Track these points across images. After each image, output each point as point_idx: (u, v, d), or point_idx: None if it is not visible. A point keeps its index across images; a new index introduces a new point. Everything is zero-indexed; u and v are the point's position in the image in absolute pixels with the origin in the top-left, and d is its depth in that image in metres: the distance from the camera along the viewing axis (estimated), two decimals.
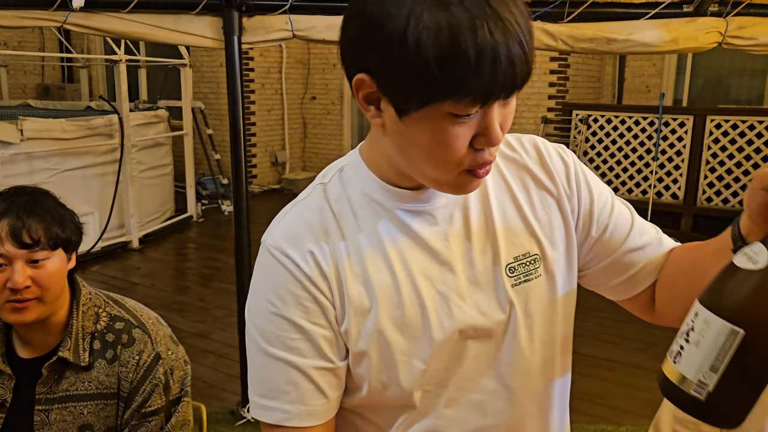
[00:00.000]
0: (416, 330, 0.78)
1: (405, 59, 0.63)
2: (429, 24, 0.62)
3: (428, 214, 0.80)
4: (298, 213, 0.81)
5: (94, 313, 1.29)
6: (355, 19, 0.68)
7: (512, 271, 0.81)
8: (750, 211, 0.67)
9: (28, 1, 2.45)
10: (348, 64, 0.71)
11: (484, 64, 0.61)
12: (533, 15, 2.35)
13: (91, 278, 5.01)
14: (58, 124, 5.17)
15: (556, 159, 0.86)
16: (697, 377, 0.58)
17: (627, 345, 3.69)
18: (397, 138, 0.72)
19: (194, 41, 2.52)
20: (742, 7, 2.23)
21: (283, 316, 0.77)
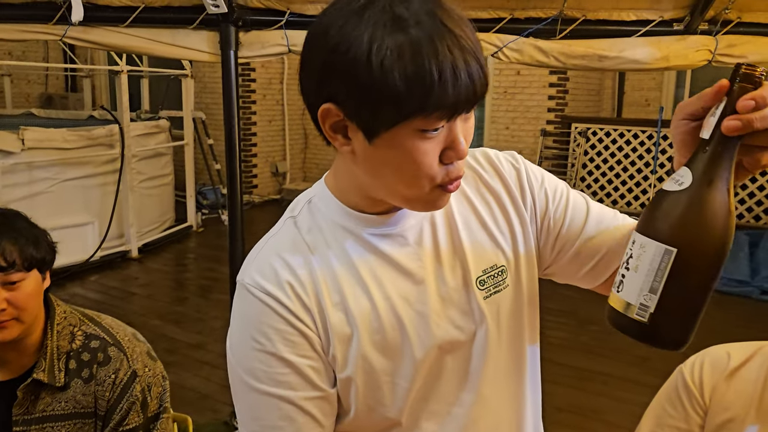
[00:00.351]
0: (398, 350, 0.80)
1: (372, 82, 0.65)
2: (391, 46, 0.65)
3: (399, 236, 0.81)
4: (272, 248, 0.81)
5: (69, 332, 1.27)
6: (316, 51, 0.70)
7: (482, 284, 0.83)
8: (676, 144, 0.68)
9: (28, 15, 2.49)
10: (311, 96, 0.73)
11: (446, 79, 0.65)
12: (526, 32, 2.38)
13: (90, 288, 5.04)
14: (58, 133, 5.21)
15: (507, 166, 0.89)
16: (639, 301, 0.61)
17: (621, 359, 3.69)
18: (367, 162, 0.74)
19: (191, 55, 2.55)
20: (732, 25, 2.26)
21: (270, 353, 0.77)
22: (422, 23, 0.65)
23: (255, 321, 0.78)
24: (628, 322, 0.62)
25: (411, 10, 0.66)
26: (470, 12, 2.39)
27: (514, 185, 0.88)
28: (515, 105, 7.10)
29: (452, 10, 0.69)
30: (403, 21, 0.65)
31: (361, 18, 0.66)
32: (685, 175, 0.60)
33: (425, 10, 0.67)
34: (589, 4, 2.32)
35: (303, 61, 0.73)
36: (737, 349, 1.19)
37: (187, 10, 2.44)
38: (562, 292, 4.71)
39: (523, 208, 0.87)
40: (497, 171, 0.88)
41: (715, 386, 1.16)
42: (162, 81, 7.80)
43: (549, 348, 3.78)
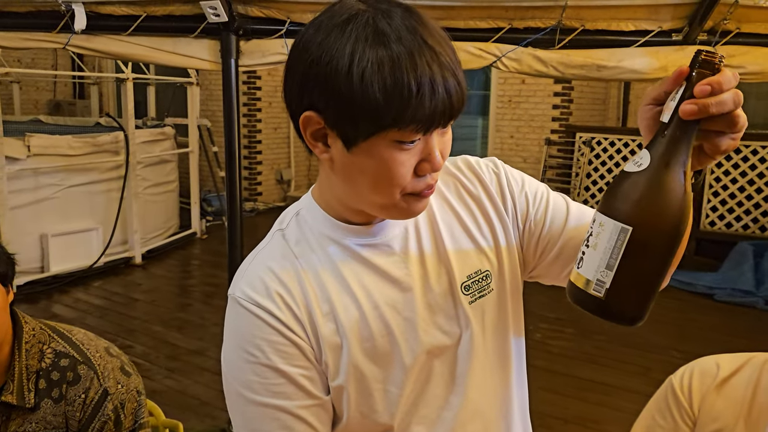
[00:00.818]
0: (387, 357, 0.82)
1: (352, 93, 0.68)
2: (371, 59, 0.67)
3: (384, 245, 0.83)
4: (261, 261, 0.83)
5: (38, 350, 1.22)
6: (299, 62, 0.72)
7: (467, 290, 0.85)
8: (641, 128, 0.70)
9: (32, 24, 2.51)
10: (293, 105, 0.75)
11: (424, 94, 0.67)
12: (525, 42, 2.39)
13: (94, 293, 5.06)
14: (64, 140, 5.25)
15: (487, 172, 0.91)
16: (596, 277, 0.63)
17: (623, 369, 3.67)
18: (344, 170, 0.76)
19: (193, 63, 2.57)
20: (731, 36, 2.25)
21: (264, 364, 0.78)
22: (403, 38, 0.68)
23: (247, 334, 0.79)
24: (585, 297, 0.64)
25: (393, 25, 0.68)
26: (469, 21, 2.40)
27: (495, 190, 0.89)
28: (520, 114, 7.11)
29: (433, 28, 0.71)
30: (384, 36, 0.67)
31: (344, 31, 0.69)
32: (644, 157, 0.62)
33: (407, 26, 0.69)
34: (587, 14, 2.32)
35: (287, 71, 0.75)
36: (727, 359, 1.19)
37: (188, 19, 2.47)
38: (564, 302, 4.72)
39: (505, 212, 0.89)
40: (478, 177, 0.90)
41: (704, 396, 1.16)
42: (168, 89, 7.85)
43: (551, 357, 3.80)
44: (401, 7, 0.71)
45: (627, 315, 0.64)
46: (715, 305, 4.78)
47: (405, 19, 0.69)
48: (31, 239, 5.10)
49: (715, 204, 5.85)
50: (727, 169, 5.78)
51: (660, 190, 0.61)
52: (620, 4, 2.29)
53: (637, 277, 0.63)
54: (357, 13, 0.70)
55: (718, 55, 0.61)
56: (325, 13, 0.73)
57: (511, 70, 2.39)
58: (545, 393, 3.39)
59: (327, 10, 0.73)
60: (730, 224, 5.81)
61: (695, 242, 5.96)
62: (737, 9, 2.19)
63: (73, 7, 2.41)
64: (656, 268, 0.63)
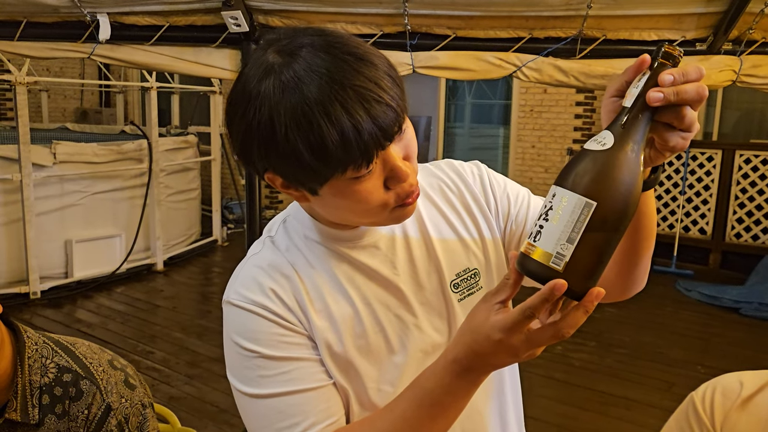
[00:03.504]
0: (381, 355, 0.83)
1: (284, 157, 0.69)
2: (289, 119, 0.67)
3: (372, 247, 0.85)
4: (253, 264, 0.84)
5: (41, 364, 1.19)
6: (234, 130, 0.74)
7: (456, 287, 0.87)
8: (604, 119, 0.72)
9: (58, 34, 2.56)
10: (248, 165, 0.76)
11: (348, 138, 0.67)
12: (545, 51, 2.37)
13: (116, 299, 5.12)
14: (89, 148, 5.34)
15: (470, 173, 0.93)
16: (556, 250, 0.64)
17: (646, 383, 3.60)
18: (322, 207, 0.78)
19: (214, 73, 2.59)
20: (757, 46, 2.21)
21: (268, 356, 0.79)
22: (312, 86, 0.67)
23: (247, 331, 0.80)
24: (541, 269, 0.65)
25: (298, 73, 0.67)
26: (489, 31, 2.39)
27: (478, 190, 0.92)
28: (542, 123, 7.06)
29: (348, 57, 0.68)
30: (293, 89, 0.67)
31: (260, 92, 0.69)
32: (607, 137, 0.65)
33: (315, 72, 0.67)
34: (609, 24, 2.30)
35: (228, 132, 0.76)
36: (750, 377, 1.15)
37: (209, 29, 2.49)
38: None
39: (489, 212, 0.91)
40: (462, 178, 0.93)
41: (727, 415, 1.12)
42: (192, 97, 7.95)
43: (572, 371, 3.75)
44: (311, 44, 0.69)
45: (578, 289, 0.65)
46: (741, 320, 4.68)
47: (313, 63, 0.68)
48: (55, 245, 5.19)
49: (741, 215, 5.75)
50: (754, 180, 5.67)
51: (623, 169, 0.64)
52: (643, 13, 2.26)
53: (596, 251, 0.65)
54: (268, 68, 0.69)
55: (678, 50, 0.65)
56: (246, 68, 0.73)
57: (531, 80, 2.37)
58: (566, 407, 3.35)
59: (247, 62, 0.73)
60: (756, 236, 5.70)
61: (721, 255, 5.85)
62: (763, 18, 2.15)
63: (97, 18, 2.45)
64: (613, 244, 0.66)
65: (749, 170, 5.70)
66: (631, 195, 0.64)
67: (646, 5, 2.22)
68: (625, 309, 4.80)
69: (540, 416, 3.21)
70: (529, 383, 3.52)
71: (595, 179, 0.64)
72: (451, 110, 8.37)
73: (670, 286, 5.39)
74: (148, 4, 2.44)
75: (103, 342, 4.09)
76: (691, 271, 5.65)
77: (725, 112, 6.56)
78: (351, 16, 2.43)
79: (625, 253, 0.80)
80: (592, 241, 0.64)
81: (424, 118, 8.26)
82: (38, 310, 4.76)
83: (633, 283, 0.86)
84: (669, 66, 0.64)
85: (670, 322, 4.62)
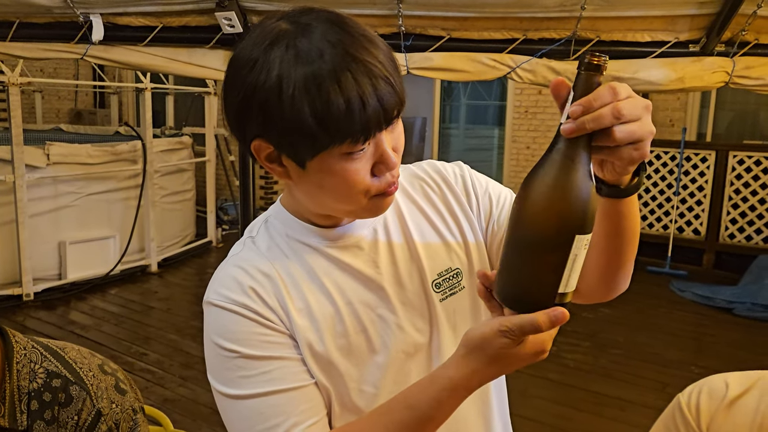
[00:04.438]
0: (363, 355, 0.83)
1: (286, 120, 0.69)
2: (298, 81, 0.68)
3: (354, 246, 0.85)
4: (233, 264, 0.83)
5: (29, 369, 1.17)
6: (233, 90, 0.73)
7: (438, 287, 0.87)
8: None
9: (51, 35, 2.56)
10: (238, 133, 0.76)
11: (354, 110, 0.68)
12: (539, 53, 2.37)
13: (110, 301, 5.10)
14: (83, 149, 5.32)
15: (452, 173, 0.93)
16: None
17: (641, 384, 3.61)
18: (304, 186, 0.78)
19: (208, 74, 2.59)
20: (749, 47, 2.22)
21: (249, 356, 0.78)
22: (326, 55, 0.68)
23: (227, 331, 0.79)
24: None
25: (313, 42, 0.69)
26: (483, 33, 2.39)
27: (461, 191, 0.92)
28: (536, 124, 7.08)
29: (359, 35, 0.71)
30: (307, 55, 0.68)
31: (268, 56, 0.69)
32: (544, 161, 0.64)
33: (329, 41, 0.69)
34: (603, 25, 2.31)
35: (224, 101, 0.76)
36: (736, 378, 1.15)
37: (203, 29, 2.49)
38: (580, 315, 4.65)
39: (471, 213, 0.91)
40: (444, 179, 0.93)
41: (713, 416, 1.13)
42: (187, 98, 7.93)
43: (566, 371, 3.75)
44: (324, 19, 0.71)
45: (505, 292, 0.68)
46: (735, 319, 4.70)
47: (327, 33, 0.69)
48: (49, 246, 5.16)
49: (735, 216, 5.77)
50: (747, 181, 5.69)
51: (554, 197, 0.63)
52: (636, 15, 2.27)
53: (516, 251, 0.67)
54: (279, 34, 0.70)
55: (601, 57, 0.61)
56: (251, 36, 0.73)
57: (525, 81, 2.38)
58: (560, 407, 3.35)
59: (252, 31, 0.73)
60: (749, 237, 5.72)
61: (715, 255, 5.88)
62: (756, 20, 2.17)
63: (90, 18, 2.45)
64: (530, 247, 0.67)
65: (742, 171, 5.72)
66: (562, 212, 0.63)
67: (640, 7, 2.23)
68: (619, 309, 4.81)
69: (534, 417, 3.22)
70: (523, 384, 3.53)
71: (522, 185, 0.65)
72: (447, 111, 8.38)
73: (665, 286, 5.40)
74: (142, 5, 2.44)
75: (96, 344, 4.08)
76: (685, 272, 5.67)
77: (719, 113, 6.59)
78: None
79: (607, 259, 0.80)
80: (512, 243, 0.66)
81: (420, 118, 8.26)
82: (31, 311, 4.74)
83: (616, 285, 0.85)
84: (593, 76, 0.61)
85: (664, 323, 4.63)
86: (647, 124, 0.63)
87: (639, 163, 0.65)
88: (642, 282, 5.54)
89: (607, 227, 0.75)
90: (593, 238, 0.76)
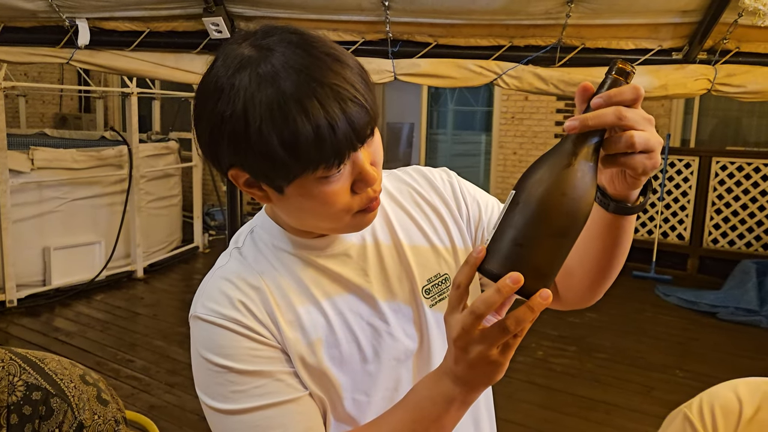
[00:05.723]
0: (355, 365, 0.82)
1: (256, 151, 0.68)
2: (264, 114, 0.66)
3: (343, 254, 0.84)
4: (220, 276, 0.82)
5: (8, 382, 1.15)
6: (201, 124, 0.73)
7: (428, 293, 0.87)
8: None
9: (36, 39, 2.54)
10: (215, 162, 0.75)
11: (323, 136, 0.66)
12: (525, 59, 2.40)
13: (96, 307, 5.05)
14: (68, 154, 5.27)
15: (439, 179, 0.93)
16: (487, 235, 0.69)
17: (627, 388, 3.63)
18: (285, 208, 0.77)
19: (195, 79, 2.58)
20: (731, 55, 2.26)
21: (241, 371, 0.76)
22: (289, 82, 0.66)
23: (217, 346, 0.77)
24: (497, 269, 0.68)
25: (276, 68, 0.67)
26: (470, 39, 2.41)
27: (448, 196, 0.92)
28: (523, 130, 7.12)
29: (324, 56, 0.68)
30: (271, 82, 0.66)
31: (233, 86, 0.68)
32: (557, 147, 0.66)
33: (293, 67, 0.67)
34: (588, 32, 2.34)
35: (195, 129, 0.75)
36: (745, 391, 1.10)
37: (190, 35, 2.49)
38: (567, 320, 4.68)
39: (460, 218, 0.91)
40: (432, 185, 0.92)
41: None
42: (173, 103, 7.90)
43: (553, 376, 3.77)
44: (287, 42, 0.69)
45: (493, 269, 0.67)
46: (719, 324, 4.74)
47: (290, 59, 0.67)
48: (33, 252, 5.11)
49: (718, 221, 5.84)
50: (730, 187, 5.76)
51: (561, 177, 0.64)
52: (621, 22, 2.30)
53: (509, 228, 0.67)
54: (242, 61, 0.68)
55: (630, 65, 0.64)
56: (216, 62, 0.72)
57: (511, 87, 2.40)
58: (547, 411, 3.37)
59: (218, 57, 0.72)
60: (732, 242, 5.78)
61: (699, 260, 5.94)
62: (737, 29, 2.20)
63: (76, 23, 2.43)
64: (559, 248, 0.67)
65: (725, 177, 5.79)
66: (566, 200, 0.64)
67: (624, 15, 2.26)
68: (605, 314, 4.85)
69: (521, 421, 3.23)
70: (510, 388, 3.54)
71: (522, 175, 0.67)
72: (434, 117, 8.41)
73: (650, 291, 5.45)
74: (128, 9, 2.43)
75: (82, 350, 4.05)
76: (670, 276, 5.72)
77: (702, 120, 6.67)
78: (333, 23, 2.44)
79: (600, 270, 0.81)
80: (507, 223, 0.65)
81: (407, 124, 8.28)
82: (15, 318, 4.68)
83: (601, 292, 0.87)
84: (621, 81, 0.64)
85: (650, 327, 4.67)
86: (656, 135, 0.64)
87: (649, 175, 0.66)
88: (627, 287, 5.58)
89: (607, 241, 0.76)
90: (589, 249, 0.78)
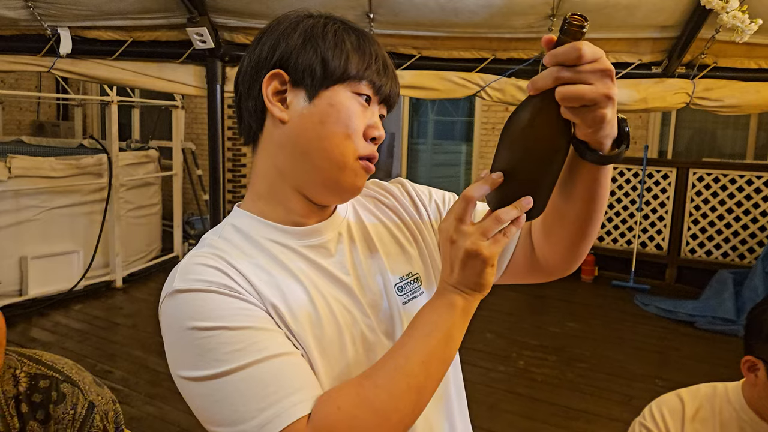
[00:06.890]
0: (334, 350, 0.81)
1: (324, 47, 0.81)
2: (340, 27, 0.84)
3: (322, 248, 0.86)
4: (193, 255, 0.80)
5: (10, 375, 1.22)
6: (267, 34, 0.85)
7: (401, 291, 0.89)
8: None
9: (17, 47, 2.51)
10: (256, 72, 0.83)
11: (380, 66, 0.84)
12: (508, 72, 2.42)
13: (74, 317, 4.98)
14: (46, 162, 5.20)
15: (397, 189, 1.00)
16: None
17: (607, 397, 3.67)
18: (299, 129, 0.82)
19: (178, 89, 2.58)
20: (708, 70, 2.31)
21: (237, 328, 0.71)
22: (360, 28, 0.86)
23: (207, 311, 0.72)
24: None
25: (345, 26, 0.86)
26: (453, 52, 2.43)
27: (408, 203, 0.98)
28: None
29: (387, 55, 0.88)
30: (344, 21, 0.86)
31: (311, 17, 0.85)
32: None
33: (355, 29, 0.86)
34: None
35: (254, 43, 0.85)
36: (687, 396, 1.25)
37: (174, 44, 2.48)
38: (548, 329, 4.71)
39: (421, 222, 0.96)
40: (391, 193, 0.99)
41: (683, 428, 1.18)
42: (153, 111, 7.84)
43: (534, 385, 3.79)
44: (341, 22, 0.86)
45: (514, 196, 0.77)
46: (697, 333, 4.81)
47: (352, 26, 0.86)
48: (10, 262, 5.03)
49: (695, 232, 5.93)
50: (707, 198, 5.86)
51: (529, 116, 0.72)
52: (600, 37, 2.33)
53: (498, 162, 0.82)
54: (312, 14, 0.85)
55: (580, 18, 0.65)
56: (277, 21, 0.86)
57: (494, 99, 2.42)
58: (528, 421, 3.38)
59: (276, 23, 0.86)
60: (710, 252, 5.88)
61: (677, 270, 6.02)
62: (714, 44, 2.25)
63: (58, 31, 2.41)
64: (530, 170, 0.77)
65: (702, 188, 5.89)
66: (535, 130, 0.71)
67: (604, 29, 2.29)
68: (585, 323, 4.89)
69: (503, 431, 3.24)
70: (492, 398, 3.55)
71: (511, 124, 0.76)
72: (415, 127, 8.44)
73: (629, 300, 5.51)
74: (111, 18, 2.42)
75: None
76: (648, 286, 5.79)
77: (679, 132, 6.79)
78: None
79: (578, 227, 0.84)
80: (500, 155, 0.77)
81: (388, 134, 8.31)
82: None
83: (580, 257, 0.90)
84: (569, 41, 0.64)
85: (629, 336, 4.72)
86: (601, 88, 0.64)
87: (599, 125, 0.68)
88: (607, 296, 5.64)
89: (584, 193, 0.78)
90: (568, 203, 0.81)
